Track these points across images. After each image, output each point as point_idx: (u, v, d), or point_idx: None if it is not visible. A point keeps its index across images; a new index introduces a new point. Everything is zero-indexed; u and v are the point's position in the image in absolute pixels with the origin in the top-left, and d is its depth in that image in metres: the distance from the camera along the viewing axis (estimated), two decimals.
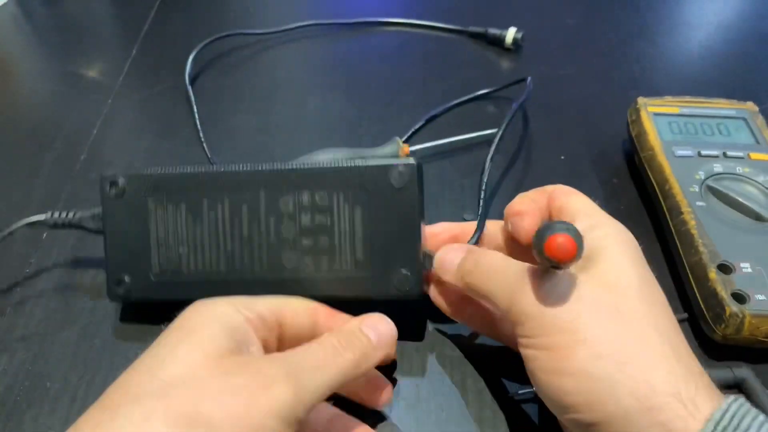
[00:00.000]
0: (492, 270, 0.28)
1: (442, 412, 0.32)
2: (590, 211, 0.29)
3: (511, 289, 0.26)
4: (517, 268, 0.26)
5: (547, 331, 0.24)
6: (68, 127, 0.50)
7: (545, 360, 0.24)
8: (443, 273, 0.30)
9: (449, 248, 0.31)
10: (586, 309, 0.24)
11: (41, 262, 0.40)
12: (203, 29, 0.58)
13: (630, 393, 0.22)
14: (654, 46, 0.59)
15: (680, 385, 0.22)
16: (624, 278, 0.25)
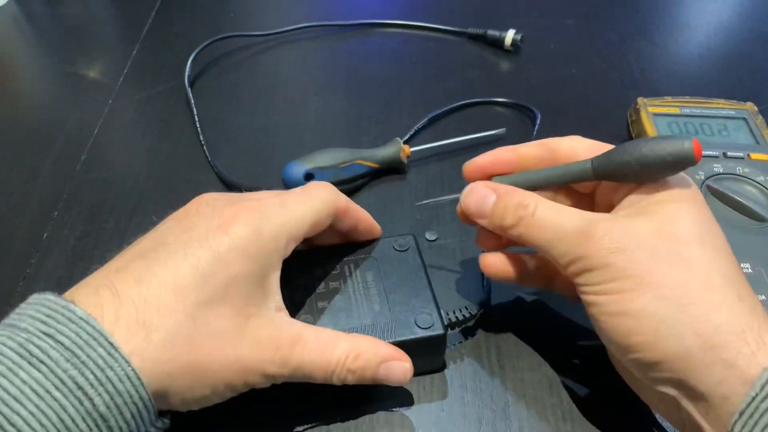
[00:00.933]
0: (544, 224, 0.27)
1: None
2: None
3: (571, 245, 0.26)
4: (574, 221, 0.26)
5: (612, 277, 0.25)
6: (69, 127, 0.50)
7: (610, 304, 0.25)
8: (476, 217, 0.30)
9: (477, 189, 0.30)
10: (648, 256, 0.24)
11: (42, 262, 0.40)
12: (204, 30, 0.58)
13: (693, 331, 0.23)
14: (654, 47, 0.59)
15: (744, 325, 0.23)
16: (683, 229, 0.25)
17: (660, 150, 0.25)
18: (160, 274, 0.24)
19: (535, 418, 0.31)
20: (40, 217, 0.43)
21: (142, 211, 0.43)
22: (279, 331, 0.26)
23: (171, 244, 0.25)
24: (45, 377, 0.20)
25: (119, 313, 0.22)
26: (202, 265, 0.24)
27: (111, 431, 0.22)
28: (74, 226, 0.42)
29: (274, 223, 0.26)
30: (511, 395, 0.32)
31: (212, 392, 0.25)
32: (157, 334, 0.22)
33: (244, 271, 0.25)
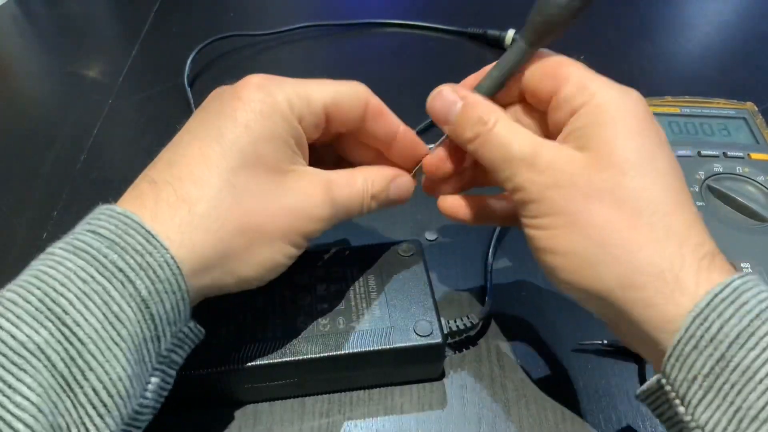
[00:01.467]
0: (497, 144, 0.27)
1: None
2: (582, 78, 0.27)
3: (512, 171, 0.26)
4: (520, 147, 0.26)
5: (546, 212, 0.25)
6: (68, 127, 0.50)
7: (541, 239, 0.26)
8: (440, 122, 0.29)
9: (445, 93, 0.29)
10: (582, 193, 0.24)
11: None
12: (203, 30, 0.58)
13: (611, 272, 0.23)
14: (654, 46, 0.59)
15: (665, 264, 0.23)
16: (620, 155, 0.24)
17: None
18: (187, 153, 0.24)
19: (535, 418, 0.31)
20: (39, 216, 0.43)
21: None
22: (315, 177, 0.27)
23: (193, 128, 0.26)
24: (88, 263, 0.21)
25: (159, 197, 0.23)
26: (225, 133, 0.25)
27: (152, 318, 0.22)
28: (74, 225, 0.42)
29: (287, 89, 0.26)
30: (511, 395, 0.32)
31: (275, 250, 0.25)
32: (200, 205, 0.23)
33: (265, 130, 0.25)
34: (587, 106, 0.26)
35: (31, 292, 0.20)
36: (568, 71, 0.28)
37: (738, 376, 0.21)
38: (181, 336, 0.24)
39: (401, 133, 0.31)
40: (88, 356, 0.20)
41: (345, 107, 0.28)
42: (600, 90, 0.26)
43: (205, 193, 0.23)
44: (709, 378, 0.21)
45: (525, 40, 0.28)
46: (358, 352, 0.30)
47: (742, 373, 0.21)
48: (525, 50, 0.28)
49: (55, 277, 0.21)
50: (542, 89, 0.28)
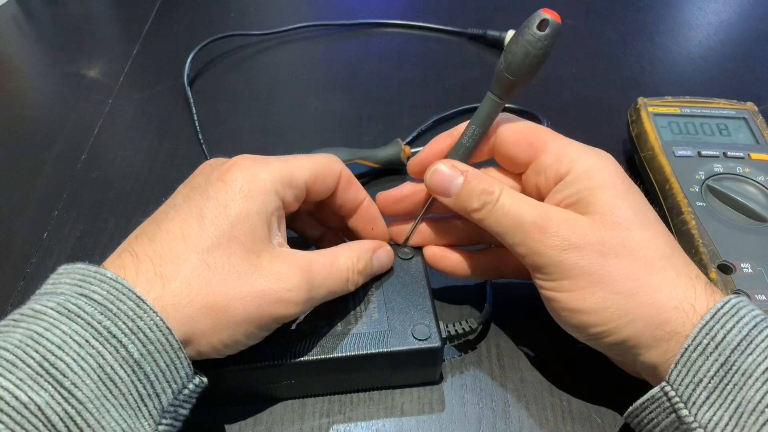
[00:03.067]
0: (505, 215, 0.29)
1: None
2: (558, 147, 0.30)
3: (527, 239, 0.28)
4: (531, 216, 0.28)
5: (565, 275, 0.27)
6: (69, 127, 0.50)
7: (566, 301, 0.28)
8: (440, 195, 0.31)
9: (443, 170, 0.31)
10: (596, 252, 0.27)
11: (42, 261, 0.40)
12: (204, 30, 0.58)
13: (641, 317, 0.26)
14: (654, 46, 0.59)
15: (681, 298, 0.26)
16: (620, 214, 0.27)
17: (528, 41, 0.28)
18: (169, 230, 0.26)
19: (535, 417, 0.31)
20: (40, 216, 0.43)
21: (142, 211, 0.43)
22: (291, 259, 0.27)
23: (178, 204, 0.27)
24: (83, 329, 0.22)
25: (139, 269, 0.24)
26: (205, 213, 0.26)
27: (148, 378, 0.23)
28: (74, 225, 0.42)
29: (271, 168, 0.28)
30: (511, 395, 0.32)
31: (238, 331, 0.26)
32: (174, 282, 0.24)
33: (244, 210, 0.26)
34: (573, 173, 0.29)
35: (30, 355, 0.21)
36: (544, 139, 0.30)
37: (739, 377, 0.24)
38: (187, 393, 0.25)
39: (365, 203, 0.33)
40: (87, 414, 0.21)
41: (321, 179, 0.30)
42: (579, 157, 0.29)
43: (179, 271, 0.24)
44: (714, 380, 0.24)
45: (498, 94, 0.30)
46: (354, 355, 0.30)
47: (742, 375, 0.24)
48: (498, 103, 0.30)
49: (52, 340, 0.21)
50: (519, 155, 0.31)
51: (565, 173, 0.29)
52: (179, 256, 0.25)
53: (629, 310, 0.26)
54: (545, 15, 0.27)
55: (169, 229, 0.26)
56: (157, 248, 0.25)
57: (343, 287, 0.30)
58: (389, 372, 0.31)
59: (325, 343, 0.30)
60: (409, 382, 0.32)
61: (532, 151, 0.30)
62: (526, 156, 0.31)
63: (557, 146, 0.30)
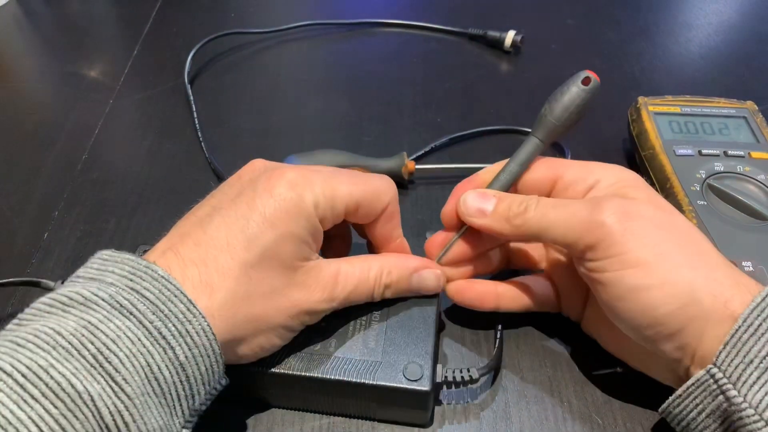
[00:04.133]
0: (552, 208, 0.29)
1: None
2: (582, 164, 0.31)
3: (583, 216, 0.28)
4: (581, 202, 0.29)
5: (629, 247, 0.26)
6: (69, 127, 0.50)
7: (631, 278, 0.26)
8: (476, 217, 0.31)
9: (474, 195, 0.31)
10: (655, 226, 0.27)
11: (42, 261, 0.40)
12: (205, 29, 0.58)
13: (709, 292, 0.25)
14: (654, 46, 0.59)
15: (738, 277, 0.26)
16: (663, 204, 0.28)
17: (573, 93, 0.30)
18: (215, 237, 0.26)
19: (535, 418, 0.31)
20: (40, 216, 0.43)
21: (143, 211, 0.43)
22: (322, 272, 0.28)
23: (223, 208, 0.27)
24: (135, 326, 0.23)
25: (185, 274, 0.25)
26: (251, 226, 0.26)
27: (188, 380, 0.24)
28: (75, 225, 0.42)
29: (317, 192, 0.28)
30: (511, 395, 0.32)
31: (275, 336, 0.28)
32: (220, 293, 0.25)
33: (288, 230, 0.27)
34: (604, 179, 0.30)
35: (86, 346, 0.22)
36: (563, 162, 0.32)
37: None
38: (214, 392, 0.26)
39: (397, 243, 0.32)
40: (133, 410, 0.22)
41: (364, 210, 0.30)
42: (604, 169, 0.30)
43: (225, 283, 0.25)
44: (766, 360, 0.24)
45: (541, 137, 0.31)
46: (338, 379, 0.29)
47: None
48: (539, 145, 0.31)
49: (107, 334, 0.22)
50: (542, 178, 0.32)
51: (594, 183, 0.30)
52: (225, 267, 0.25)
53: (696, 284, 0.25)
54: (589, 74, 0.31)
55: (214, 236, 0.26)
56: (203, 254, 0.26)
57: (368, 299, 0.30)
58: (375, 405, 0.30)
59: (312, 360, 0.29)
60: (396, 419, 0.31)
61: (555, 172, 0.31)
62: (551, 176, 0.31)
63: (579, 165, 0.31)
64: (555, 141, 0.32)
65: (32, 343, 0.22)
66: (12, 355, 0.21)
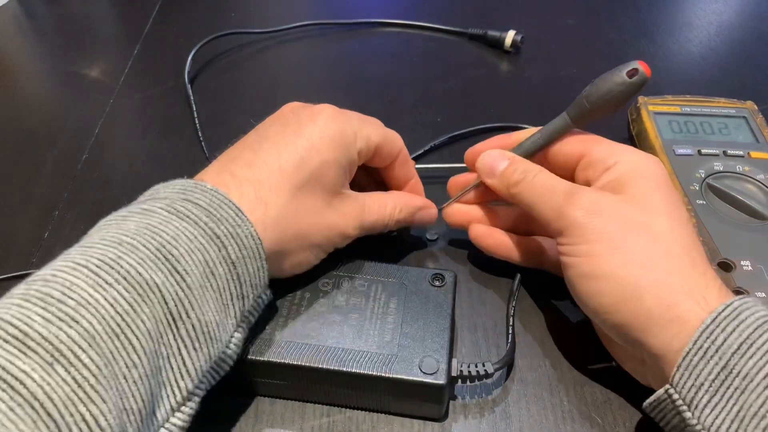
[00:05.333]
0: (541, 185, 0.31)
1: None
2: (611, 145, 0.32)
3: (558, 203, 0.30)
4: (564, 187, 0.30)
5: (587, 239, 0.28)
6: (70, 126, 0.50)
7: (583, 265, 0.28)
8: (486, 175, 0.34)
9: (493, 154, 0.34)
10: (620, 223, 0.28)
11: (43, 261, 0.39)
12: (205, 30, 0.58)
13: (652, 294, 0.26)
14: (655, 46, 0.59)
15: (692, 286, 0.26)
16: (652, 201, 0.29)
17: (614, 81, 0.30)
18: (267, 159, 0.29)
19: (535, 417, 0.31)
20: (41, 216, 0.43)
21: None
22: (353, 202, 0.32)
23: (272, 136, 0.30)
24: (191, 227, 0.26)
25: (241, 191, 0.28)
26: (300, 150, 0.29)
27: (239, 278, 0.26)
28: (75, 225, 0.42)
29: (354, 125, 0.32)
30: (511, 395, 0.32)
31: (312, 254, 0.31)
32: (273, 208, 0.28)
33: (332, 157, 0.30)
34: (620, 164, 0.30)
35: (149, 241, 0.24)
36: (596, 138, 0.33)
37: (740, 381, 0.24)
38: (260, 301, 0.29)
39: (413, 182, 0.37)
40: (193, 299, 0.24)
41: (387, 148, 0.34)
42: (628, 152, 0.31)
43: (277, 200, 0.28)
44: (714, 383, 0.24)
45: (572, 116, 0.32)
46: (354, 372, 0.29)
47: (743, 378, 0.24)
48: (569, 125, 0.33)
49: (167, 232, 0.25)
50: (572, 152, 0.33)
51: (613, 164, 0.31)
52: (277, 186, 0.28)
53: (640, 284, 0.27)
54: (638, 66, 0.29)
55: (266, 159, 0.29)
56: (257, 174, 0.28)
57: (382, 229, 0.35)
58: (390, 398, 0.30)
59: (329, 353, 0.29)
60: (411, 413, 0.31)
61: (584, 147, 0.32)
62: (578, 152, 0.32)
63: (607, 143, 0.32)
64: (588, 123, 0.32)
65: (99, 243, 0.24)
66: (83, 253, 0.23)
